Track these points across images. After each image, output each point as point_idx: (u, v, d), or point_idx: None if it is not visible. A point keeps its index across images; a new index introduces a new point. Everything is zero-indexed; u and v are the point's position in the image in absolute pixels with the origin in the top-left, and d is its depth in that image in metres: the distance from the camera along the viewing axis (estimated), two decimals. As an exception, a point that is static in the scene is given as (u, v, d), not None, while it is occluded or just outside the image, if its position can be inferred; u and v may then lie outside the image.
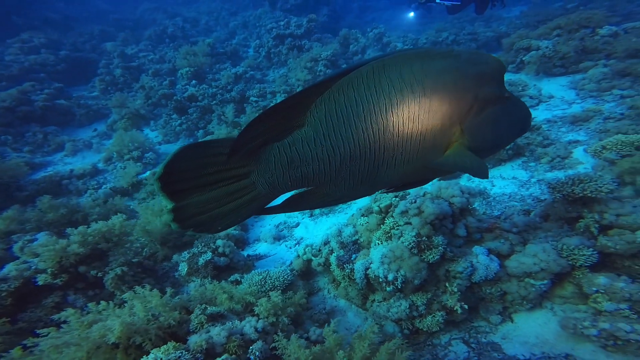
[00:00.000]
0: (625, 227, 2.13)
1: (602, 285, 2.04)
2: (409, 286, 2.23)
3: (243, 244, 3.48)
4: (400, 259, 2.19)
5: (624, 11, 6.73)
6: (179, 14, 12.45)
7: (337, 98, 0.74)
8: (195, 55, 6.53)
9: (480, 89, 0.76)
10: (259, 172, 0.79)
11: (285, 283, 2.53)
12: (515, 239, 2.44)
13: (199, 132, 5.24)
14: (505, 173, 3.82)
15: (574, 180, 2.29)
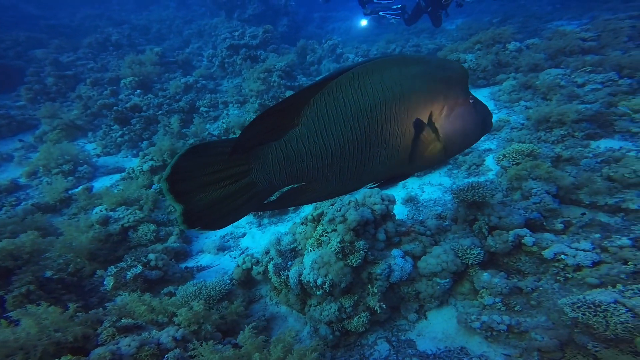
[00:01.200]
0: (504, 228, 2.51)
1: (484, 282, 2.36)
2: (337, 289, 2.38)
3: (185, 256, 3.45)
4: (328, 264, 2.35)
5: (531, 28, 7.79)
6: (127, 21, 11.92)
7: (327, 99, 0.81)
8: (141, 65, 6.34)
9: (449, 91, 0.87)
10: (258, 170, 0.85)
11: (223, 292, 2.57)
12: (427, 241, 2.72)
13: (143, 143, 5.05)
14: (434, 180, 4.22)
15: (468, 187, 2.64)
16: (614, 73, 4.17)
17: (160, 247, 3.02)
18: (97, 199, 3.73)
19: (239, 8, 11.04)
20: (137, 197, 3.50)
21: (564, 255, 2.17)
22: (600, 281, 1.94)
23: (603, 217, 2.81)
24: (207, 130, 5.64)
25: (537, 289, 2.28)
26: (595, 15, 7.63)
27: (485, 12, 10.84)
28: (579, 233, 2.59)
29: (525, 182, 3.12)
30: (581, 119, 3.57)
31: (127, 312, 1.76)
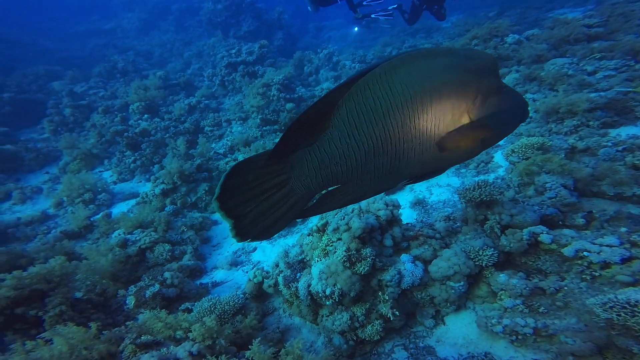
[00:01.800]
0: (517, 226, 2.44)
1: (501, 284, 2.28)
2: (346, 298, 2.37)
3: (200, 273, 3.55)
4: (336, 274, 2.34)
5: (530, 18, 7.72)
6: (131, 47, 12.39)
7: (356, 99, 0.81)
8: (146, 89, 6.58)
9: (481, 81, 0.86)
10: (295, 177, 0.86)
11: (237, 307, 2.62)
12: (437, 244, 2.66)
13: (154, 167, 5.23)
14: (442, 181, 4.17)
15: (474, 186, 2.58)
16: (631, 58, 4.01)
17: (176, 265, 3.15)
18: (116, 223, 3.96)
19: (233, 26, 11.37)
20: (152, 220, 3.66)
21: (586, 252, 2.11)
22: (635, 278, 1.87)
23: (633, 209, 2.73)
24: (213, 149, 5.77)
25: (561, 289, 2.19)
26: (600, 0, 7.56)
27: (481, 7, 10.81)
28: (603, 227, 2.51)
29: (537, 176, 3.06)
30: (594, 108, 3.46)
31: (146, 329, 1.83)
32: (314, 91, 7.83)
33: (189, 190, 4.49)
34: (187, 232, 3.75)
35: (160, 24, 15.09)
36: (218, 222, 4.60)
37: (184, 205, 4.33)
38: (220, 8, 11.21)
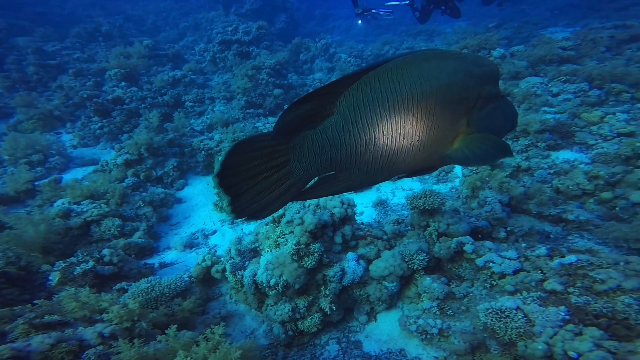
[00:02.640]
0: (451, 235, 2.62)
1: (425, 286, 2.47)
2: (290, 290, 2.48)
3: (151, 252, 3.52)
4: (283, 265, 2.45)
5: (524, 34, 7.84)
6: (122, 11, 11.80)
7: (364, 89, 0.82)
8: (128, 57, 6.47)
9: (483, 87, 0.89)
10: (296, 159, 0.87)
11: (178, 290, 2.64)
12: (382, 245, 2.83)
13: (123, 135, 5.18)
14: (405, 185, 4.35)
15: (420, 195, 2.75)
16: (586, 84, 4.26)
17: (123, 242, 3.06)
18: (63, 191, 3.68)
19: (236, 2, 11.16)
20: (105, 191, 3.52)
21: (492, 264, 2.31)
22: (515, 288, 2.08)
23: (547, 227, 2.96)
24: (190, 125, 5.80)
25: (468, 294, 2.41)
26: (587, 22, 7.69)
27: (487, 16, 10.86)
28: (518, 241, 2.73)
29: (482, 191, 3.26)
30: (544, 129, 3.68)
31: (57, 309, 1.81)
32: (306, 80, 7.85)
33: (156, 164, 4.51)
34: (143, 207, 3.66)
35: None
36: (182, 200, 4.65)
37: (147, 179, 4.31)
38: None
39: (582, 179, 2.79)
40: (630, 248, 2.31)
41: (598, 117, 3.56)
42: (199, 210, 4.47)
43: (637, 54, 4.91)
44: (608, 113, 3.61)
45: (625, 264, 1.74)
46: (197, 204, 4.61)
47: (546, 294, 1.85)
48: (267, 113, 6.65)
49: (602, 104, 4.04)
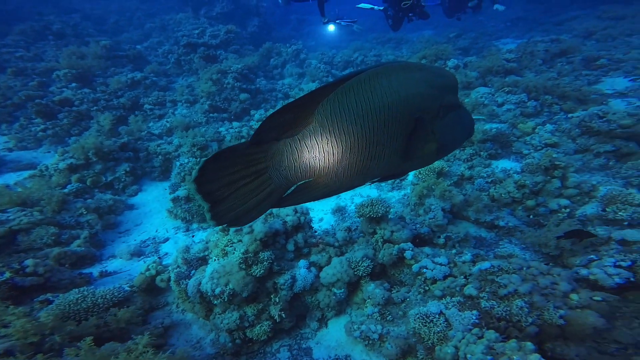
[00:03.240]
0: (394, 242, 2.75)
1: (369, 292, 2.56)
2: (237, 298, 2.46)
3: (92, 261, 3.36)
4: (230, 274, 2.43)
5: (480, 44, 8.41)
6: (79, 9, 11.20)
7: (340, 99, 0.88)
8: (82, 57, 6.19)
9: (444, 96, 0.97)
10: (275, 167, 0.90)
11: (115, 300, 2.54)
12: (334, 252, 2.89)
13: (70, 138, 4.89)
14: (363, 192, 4.49)
15: (367, 204, 2.85)
16: (525, 95, 4.60)
17: (57, 251, 2.94)
18: None
19: (206, 5, 11.03)
20: (40, 198, 3.34)
21: (425, 269, 2.44)
22: (443, 293, 2.21)
23: (483, 233, 3.18)
24: (148, 129, 5.64)
25: (405, 299, 2.52)
26: (532, 35, 8.39)
27: (450, 26, 11.50)
28: (455, 247, 2.91)
29: (428, 198, 3.44)
30: (486, 139, 3.96)
31: None
32: (276, 85, 7.88)
33: (106, 169, 4.33)
34: (87, 215, 3.51)
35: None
36: (134, 207, 4.49)
37: (95, 185, 4.12)
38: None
39: (512, 188, 3.03)
40: (542, 252, 2.54)
41: (531, 128, 3.89)
42: (152, 217, 4.33)
43: (566, 67, 5.41)
44: (539, 124, 3.95)
45: (527, 268, 1.92)
46: (151, 211, 4.46)
47: (464, 299, 1.98)
48: (233, 117, 6.61)
49: (538, 114, 4.40)
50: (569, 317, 1.66)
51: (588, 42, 6.96)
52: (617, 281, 1.89)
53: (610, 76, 5.11)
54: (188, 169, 4.77)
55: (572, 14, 9.63)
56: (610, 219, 2.49)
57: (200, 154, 5.06)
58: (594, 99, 4.35)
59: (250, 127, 6.13)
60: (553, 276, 1.85)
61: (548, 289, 1.81)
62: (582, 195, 2.86)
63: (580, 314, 1.66)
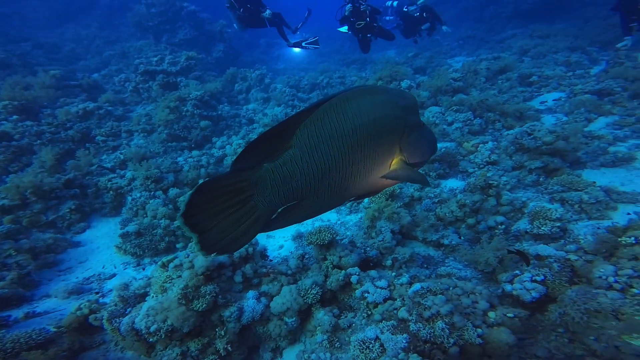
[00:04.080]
0: (342, 267, 2.85)
1: (318, 319, 2.61)
2: (178, 334, 2.44)
3: (18, 302, 3.22)
4: (168, 310, 2.42)
5: (434, 63, 9.00)
6: (31, 38, 11.03)
7: (316, 123, 0.94)
8: (27, 87, 6.04)
9: (408, 116, 1.06)
10: (259, 193, 0.94)
11: (31, 343, 2.46)
12: (286, 280, 2.92)
13: (8, 177, 4.73)
14: (324, 216, 4.59)
15: (315, 231, 2.96)
16: (470, 113, 4.94)
17: None
18: None
19: (167, 32, 11.22)
20: None
21: (367, 293, 2.52)
22: (382, 317, 2.29)
23: (432, 252, 3.33)
24: (99, 163, 5.51)
25: (351, 325, 2.58)
26: (480, 53, 9.19)
27: (410, 45, 12.34)
28: (401, 267, 3.02)
29: (379, 221, 3.58)
30: (434, 159, 4.21)
31: None
32: (240, 110, 8.01)
33: (47, 208, 4.19)
34: (16, 255, 3.41)
35: (81, 18, 14.06)
36: (80, 244, 4.33)
37: (33, 225, 3.98)
38: (154, 12, 11.03)
39: (455, 207, 3.24)
40: (477, 269, 2.71)
41: (473, 146, 4.19)
42: (99, 254, 4.22)
43: (505, 85, 5.93)
44: (482, 142, 4.27)
45: (453, 288, 2.05)
46: (99, 247, 4.34)
47: (397, 322, 2.06)
48: (193, 146, 6.60)
49: (483, 132, 4.76)
50: (485, 336, 1.77)
51: (525, 58, 7.70)
52: (534, 295, 2.05)
53: (541, 93, 5.66)
54: (140, 203, 4.69)
55: (510, 32, 10.67)
56: (535, 234, 2.71)
57: (154, 186, 5.00)
58: (530, 114, 4.78)
59: (211, 155, 6.15)
60: (475, 295, 1.98)
61: (469, 308, 1.93)
62: (515, 212, 3.10)
63: (495, 332, 1.77)
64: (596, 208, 2.86)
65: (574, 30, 8.66)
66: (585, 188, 3.03)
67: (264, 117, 7.25)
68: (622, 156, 3.51)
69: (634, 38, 5.70)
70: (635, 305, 1.64)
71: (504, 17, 12.05)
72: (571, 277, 2.03)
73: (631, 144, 3.72)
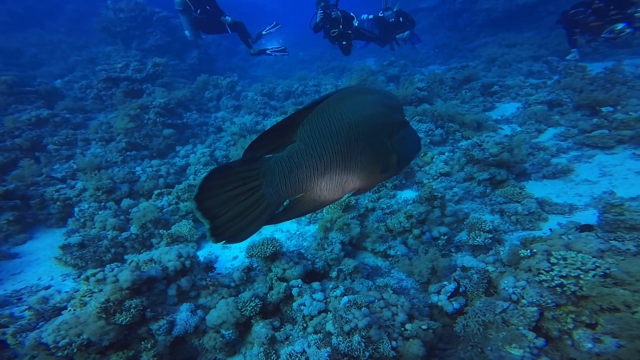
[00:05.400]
0: (285, 279, 2.90)
1: (255, 332, 2.65)
2: (94, 348, 2.46)
3: None
4: (84, 324, 2.43)
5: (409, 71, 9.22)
6: None
7: (316, 120, 1.02)
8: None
9: (395, 115, 1.15)
10: (267, 184, 1.00)
11: None
12: (227, 293, 2.96)
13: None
14: (284, 227, 4.62)
15: (257, 244, 3.02)
16: (432, 123, 5.13)
17: None
18: None
19: (137, 38, 11.21)
20: None
21: (303, 306, 2.55)
22: (314, 329, 2.32)
23: (380, 262, 3.39)
24: (48, 172, 5.40)
25: (288, 337, 2.60)
26: (454, 61, 9.56)
27: (388, 53, 12.72)
28: (346, 279, 3.06)
29: (331, 232, 3.63)
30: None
31: None
32: (208, 118, 8.01)
33: (-20, 221, 4.06)
34: None
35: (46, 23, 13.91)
36: (17, 256, 4.21)
37: None
38: (123, 17, 11.02)
39: (403, 218, 3.32)
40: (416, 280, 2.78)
41: (430, 158, 4.33)
42: (38, 265, 4.14)
43: (467, 95, 6.18)
44: (438, 153, 4.42)
45: (378, 300, 2.10)
46: (39, 259, 4.27)
47: (323, 336, 2.09)
48: (155, 155, 6.54)
49: (444, 142, 4.93)
50: (399, 348, 1.82)
51: (494, 67, 8.05)
52: (455, 306, 2.13)
53: (502, 102, 5.93)
54: (89, 214, 4.60)
55: (483, 41, 11.17)
56: (472, 245, 2.81)
57: (106, 197, 4.91)
58: (489, 125, 4.99)
59: (172, 164, 6.10)
60: (397, 307, 2.03)
61: (389, 321, 1.98)
62: (458, 223, 3.21)
63: (408, 345, 1.83)
64: (529, 219, 3.01)
65: (539, 39, 9.12)
66: (522, 200, 3.18)
67: (232, 126, 7.27)
68: (561, 168, 3.71)
69: (580, 50, 6.09)
70: (520, 316, 1.72)
71: (477, 26, 12.62)
72: (487, 288, 2.12)
73: (571, 156, 3.95)
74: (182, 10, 5.83)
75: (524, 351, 1.60)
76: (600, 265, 1.65)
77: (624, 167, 3.63)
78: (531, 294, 1.74)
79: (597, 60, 7.13)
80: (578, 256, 1.71)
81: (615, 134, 3.98)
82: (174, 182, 5.52)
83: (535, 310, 1.72)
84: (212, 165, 6.01)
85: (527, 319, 1.71)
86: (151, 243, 4.31)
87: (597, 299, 1.60)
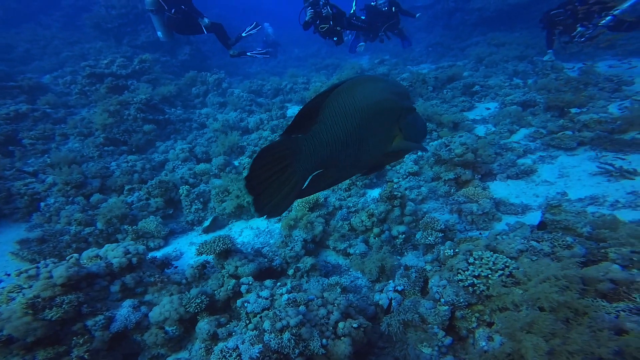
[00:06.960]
0: (238, 276, 2.83)
1: (199, 328, 2.58)
2: (18, 344, 2.41)
3: None
4: (8, 320, 2.38)
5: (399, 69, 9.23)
6: None
7: (333, 103, 1.11)
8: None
9: (403, 101, 1.23)
10: (297, 160, 1.08)
11: None
12: (176, 289, 2.93)
13: None
14: (254, 224, 4.55)
15: (210, 241, 2.95)
16: None
17: None
18: None
19: (129, 35, 11.19)
20: None
21: (247, 303, 2.47)
22: (255, 326, 2.23)
23: (341, 260, 3.31)
24: (20, 166, 5.33)
25: (231, 334, 2.52)
26: (445, 60, 9.48)
27: (384, 51, 12.67)
28: (302, 277, 2.99)
29: (295, 230, 3.56)
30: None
31: None
32: (193, 115, 7.95)
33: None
34: None
35: (41, 18, 13.92)
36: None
37: None
38: (114, 14, 11.00)
39: (365, 217, 3.25)
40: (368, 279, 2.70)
41: (401, 158, 4.24)
42: None
43: (448, 95, 6.11)
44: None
45: (317, 299, 2.02)
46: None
47: (259, 332, 2.03)
48: (134, 150, 6.47)
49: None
50: (329, 347, 1.74)
51: (481, 67, 7.97)
52: (394, 305, 2.04)
53: (482, 102, 5.86)
54: (55, 209, 4.53)
55: (474, 40, 11.10)
56: (425, 244, 2.74)
57: (74, 192, 4.84)
58: (465, 125, 4.92)
59: (150, 160, 6.03)
60: (334, 305, 1.96)
61: (324, 319, 1.90)
62: (416, 222, 3.13)
63: (337, 344, 1.75)
64: (483, 219, 2.93)
65: (528, 39, 9.04)
66: (479, 200, 3.11)
67: (214, 122, 7.21)
68: (525, 169, 3.64)
69: (555, 51, 6.04)
70: (435, 314, 1.65)
71: (470, 24, 12.54)
72: (423, 287, 2.04)
73: (537, 157, 3.87)
74: (154, 11, 5.59)
75: (432, 350, 1.54)
76: (509, 265, 1.61)
77: (580, 169, 3.61)
78: (449, 292, 1.70)
79: (583, 60, 7.06)
80: (492, 257, 1.66)
81: (577, 136, 3.92)
82: (149, 177, 5.44)
83: (447, 309, 1.69)
84: (191, 161, 5.96)
85: (440, 318, 1.67)
86: (116, 239, 4.23)
87: (496, 298, 1.57)
